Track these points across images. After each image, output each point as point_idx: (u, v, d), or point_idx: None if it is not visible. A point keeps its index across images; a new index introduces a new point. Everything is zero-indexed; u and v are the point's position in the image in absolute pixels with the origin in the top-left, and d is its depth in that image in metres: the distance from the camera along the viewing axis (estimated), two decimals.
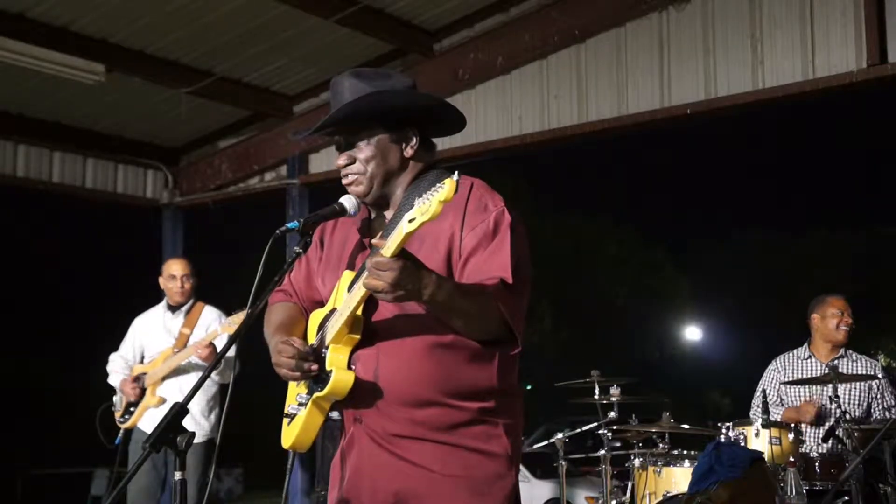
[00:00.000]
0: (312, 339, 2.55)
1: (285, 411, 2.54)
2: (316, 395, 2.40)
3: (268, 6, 7.19)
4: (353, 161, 2.50)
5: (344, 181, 2.53)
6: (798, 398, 5.69)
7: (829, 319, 5.67)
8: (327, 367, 2.40)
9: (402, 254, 2.18)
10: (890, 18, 6.32)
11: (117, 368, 5.98)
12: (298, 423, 2.45)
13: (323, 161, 8.93)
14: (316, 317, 2.58)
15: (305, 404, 2.44)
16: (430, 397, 2.39)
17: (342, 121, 2.48)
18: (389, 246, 2.15)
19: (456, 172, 2.21)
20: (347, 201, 2.52)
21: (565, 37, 7.54)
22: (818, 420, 5.45)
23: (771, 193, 36.32)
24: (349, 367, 2.41)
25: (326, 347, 2.43)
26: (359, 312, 2.38)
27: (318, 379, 2.42)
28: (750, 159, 36.95)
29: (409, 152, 2.51)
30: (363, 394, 2.40)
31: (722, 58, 6.92)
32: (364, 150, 2.49)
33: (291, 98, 8.88)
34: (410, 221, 2.08)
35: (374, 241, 2.28)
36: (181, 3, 7.15)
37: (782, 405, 5.76)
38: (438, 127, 2.63)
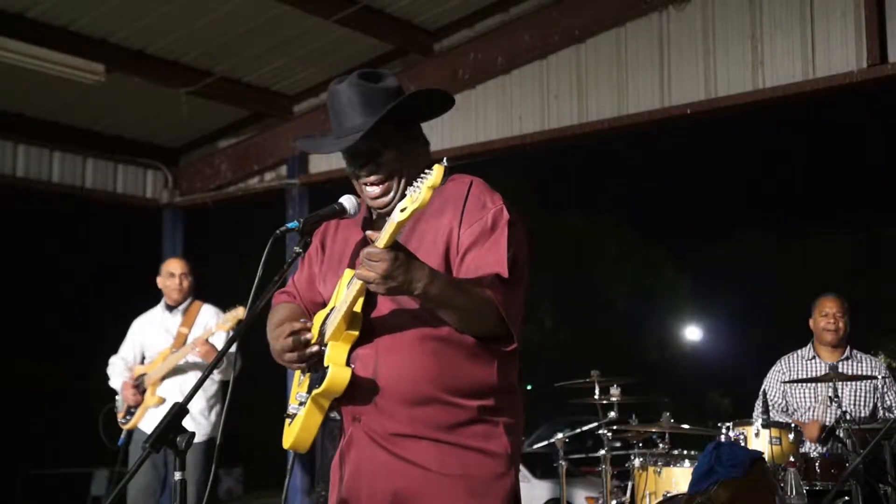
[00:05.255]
0: (315, 338, 2.55)
1: (287, 412, 2.54)
2: (314, 392, 2.40)
3: (268, 6, 7.19)
4: (379, 167, 2.47)
5: (371, 190, 2.48)
6: (803, 398, 5.69)
7: (819, 321, 5.73)
8: (325, 364, 2.40)
9: (395, 246, 2.19)
10: (890, 18, 6.32)
11: (118, 371, 5.99)
12: (298, 422, 2.45)
13: (323, 161, 8.93)
14: (319, 317, 2.59)
15: (305, 403, 2.44)
16: (429, 394, 2.39)
17: (375, 130, 2.41)
18: (382, 237, 2.18)
19: (444, 159, 2.22)
20: (347, 201, 2.52)
21: (565, 37, 7.54)
22: (820, 440, 5.44)
23: (771, 193, 36.32)
24: (349, 366, 2.41)
25: (326, 345, 2.43)
26: (356, 308, 2.38)
27: (316, 377, 2.42)
28: (750, 159, 36.95)
29: (422, 150, 2.54)
30: (362, 392, 2.40)
31: (722, 58, 6.92)
32: (385, 154, 2.47)
33: (291, 98, 8.88)
34: (402, 210, 2.11)
35: (368, 232, 2.29)
36: (181, 3, 7.16)
37: (787, 408, 5.76)
38: (429, 114, 2.61)
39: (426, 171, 2.11)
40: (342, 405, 2.47)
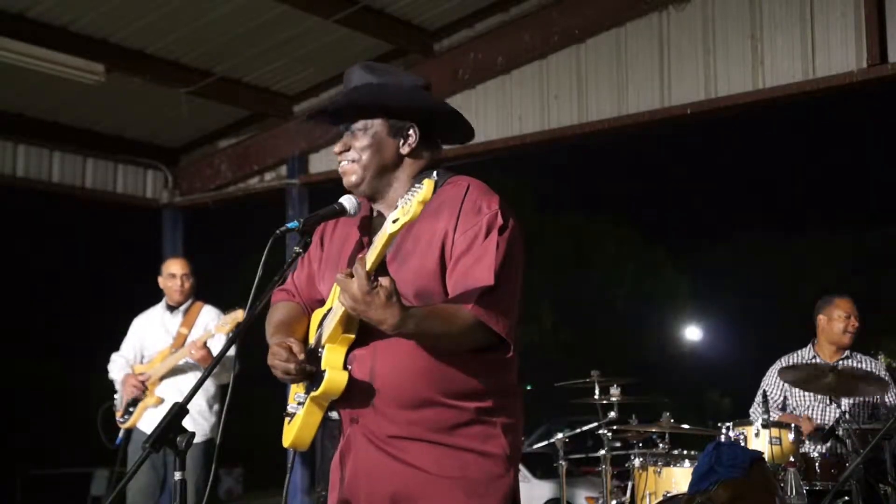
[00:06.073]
0: (313, 336, 2.55)
1: (286, 410, 2.55)
2: (312, 394, 2.40)
3: (268, 6, 7.19)
4: (348, 148, 2.52)
5: (339, 170, 2.56)
6: (803, 398, 5.69)
7: (836, 322, 5.65)
8: (322, 367, 2.40)
9: (381, 270, 2.22)
10: (890, 18, 6.32)
11: (119, 367, 5.98)
12: (297, 422, 2.46)
13: (323, 161, 8.93)
14: (317, 315, 2.59)
15: (303, 403, 2.44)
16: (426, 397, 2.38)
17: (341, 107, 2.52)
18: (372, 253, 2.22)
19: (435, 172, 2.26)
20: (347, 201, 2.52)
21: (565, 37, 7.54)
22: (814, 437, 5.43)
23: (771, 193, 36.35)
24: (345, 367, 2.41)
25: (323, 346, 2.43)
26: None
27: (314, 378, 2.42)
28: (750, 159, 36.97)
29: (405, 149, 2.51)
30: (359, 394, 2.40)
31: (722, 58, 6.92)
32: (360, 138, 2.51)
33: (291, 98, 8.88)
34: (394, 222, 2.13)
35: (358, 257, 2.27)
36: (181, 3, 7.16)
37: (785, 408, 5.76)
38: (445, 133, 2.63)
39: (417, 185, 2.12)
40: (340, 406, 2.48)
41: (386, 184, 2.51)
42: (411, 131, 2.51)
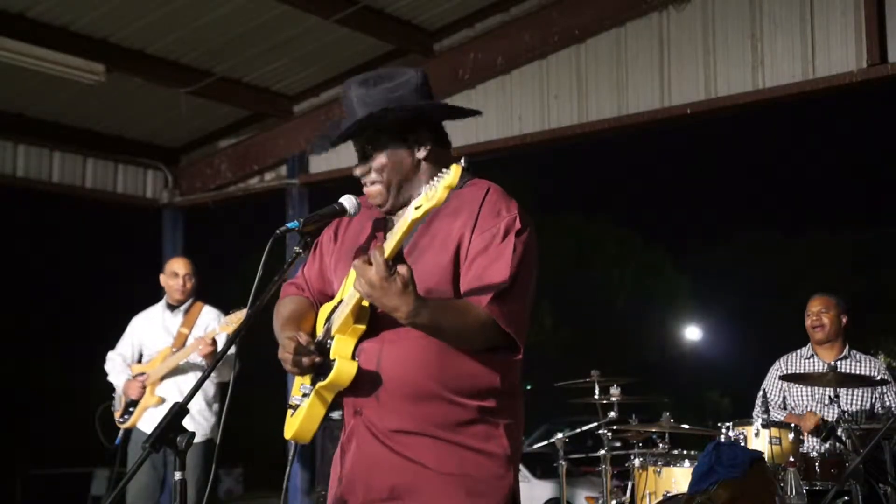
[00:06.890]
0: (320, 330, 2.55)
1: (289, 402, 2.54)
2: (319, 384, 2.39)
3: (268, 6, 7.19)
4: (368, 171, 2.52)
5: (364, 191, 2.55)
6: (801, 397, 5.70)
7: (806, 319, 5.80)
8: (331, 357, 2.40)
9: (398, 258, 2.20)
10: (890, 18, 6.32)
11: (116, 367, 5.98)
12: (300, 414, 2.45)
13: (322, 161, 8.93)
14: (325, 309, 2.59)
15: (308, 395, 2.44)
16: (431, 392, 2.39)
17: (349, 138, 2.52)
18: (391, 239, 2.21)
19: (462, 158, 2.22)
20: (347, 201, 2.52)
21: (565, 37, 7.54)
22: (817, 430, 5.46)
23: (771, 193, 36.36)
24: (353, 358, 2.41)
25: (332, 338, 2.43)
26: (365, 303, 2.37)
27: (322, 369, 2.42)
28: (750, 159, 36.99)
29: (421, 154, 2.52)
30: (365, 385, 2.40)
31: (722, 58, 6.93)
32: (377, 159, 2.50)
33: (291, 98, 8.89)
34: (417, 208, 2.11)
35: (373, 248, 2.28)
36: (181, 3, 7.16)
37: (786, 407, 5.78)
38: (453, 118, 2.63)
39: (444, 170, 2.11)
40: (344, 397, 2.47)
41: (407, 193, 2.50)
42: (423, 137, 2.52)
